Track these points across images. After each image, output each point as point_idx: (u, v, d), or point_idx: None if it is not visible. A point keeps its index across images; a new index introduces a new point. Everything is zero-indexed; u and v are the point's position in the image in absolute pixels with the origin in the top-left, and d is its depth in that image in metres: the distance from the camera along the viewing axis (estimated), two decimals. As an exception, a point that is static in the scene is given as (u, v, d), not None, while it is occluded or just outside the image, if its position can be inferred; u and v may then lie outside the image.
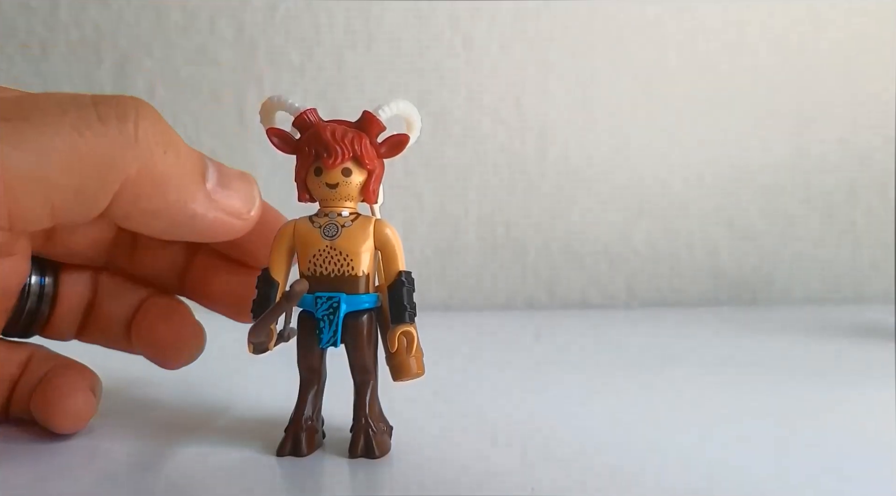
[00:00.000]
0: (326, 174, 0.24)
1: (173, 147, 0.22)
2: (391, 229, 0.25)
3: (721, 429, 0.29)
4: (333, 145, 0.24)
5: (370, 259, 0.25)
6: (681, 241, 0.64)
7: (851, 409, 0.32)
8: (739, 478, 0.23)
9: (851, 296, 0.66)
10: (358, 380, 0.25)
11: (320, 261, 0.24)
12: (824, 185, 0.66)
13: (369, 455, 0.25)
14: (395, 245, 0.25)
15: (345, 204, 0.25)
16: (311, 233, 0.24)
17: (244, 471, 0.24)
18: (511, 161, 0.61)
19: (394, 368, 0.25)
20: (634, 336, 0.51)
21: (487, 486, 0.23)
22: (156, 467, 0.24)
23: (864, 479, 0.24)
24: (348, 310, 0.24)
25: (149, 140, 0.21)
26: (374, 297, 0.25)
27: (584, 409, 0.31)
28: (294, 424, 0.25)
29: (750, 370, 0.40)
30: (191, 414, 0.30)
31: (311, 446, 0.25)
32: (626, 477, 0.24)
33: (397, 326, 0.24)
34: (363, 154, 0.24)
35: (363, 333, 0.25)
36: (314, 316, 0.24)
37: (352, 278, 0.24)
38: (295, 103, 0.25)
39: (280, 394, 0.28)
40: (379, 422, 0.26)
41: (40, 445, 0.25)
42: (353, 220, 0.25)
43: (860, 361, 0.42)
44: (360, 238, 0.24)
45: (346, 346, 0.25)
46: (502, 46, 0.61)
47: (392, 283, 0.25)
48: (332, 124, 0.25)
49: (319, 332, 0.24)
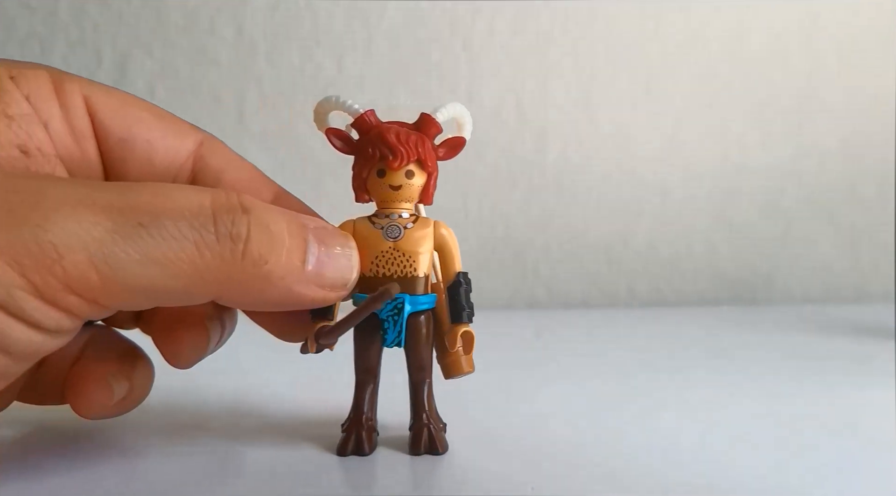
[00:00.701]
0: (390, 176, 0.25)
1: (277, 249, 0.21)
2: (448, 230, 0.25)
3: (721, 428, 0.29)
4: (399, 147, 0.24)
5: (429, 260, 0.25)
6: (681, 241, 0.64)
7: (851, 409, 0.32)
8: (739, 478, 0.23)
9: (851, 296, 0.66)
10: (416, 379, 0.26)
11: (383, 263, 0.24)
12: (824, 185, 0.66)
13: (433, 451, 0.25)
14: (452, 246, 0.25)
15: (404, 205, 0.25)
16: (373, 233, 0.25)
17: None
18: (511, 161, 0.61)
19: (446, 366, 0.26)
20: (634, 336, 0.51)
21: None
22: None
23: (864, 479, 0.24)
24: (412, 310, 0.25)
25: (260, 253, 0.21)
26: (432, 298, 0.25)
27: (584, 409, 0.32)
28: (355, 424, 0.25)
29: (750, 370, 0.40)
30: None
31: (371, 445, 0.25)
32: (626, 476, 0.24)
33: (456, 326, 0.25)
34: (426, 156, 0.25)
35: (423, 333, 0.25)
36: (377, 316, 0.25)
37: (413, 279, 0.25)
38: (354, 104, 0.25)
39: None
40: (437, 420, 0.26)
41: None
42: (414, 222, 0.25)
43: (860, 361, 0.42)
44: (421, 240, 0.25)
45: (405, 346, 0.25)
46: (502, 46, 0.61)
47: (451, 284, 0.25)
48: (395, 126, 0.25)
49: (384, 333, 0.25)
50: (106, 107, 0.24)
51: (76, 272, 0.17)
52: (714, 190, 0.65)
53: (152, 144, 0.25)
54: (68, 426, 0.28)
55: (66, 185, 0.19)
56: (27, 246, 0.17)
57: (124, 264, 0.18)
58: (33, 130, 0.22)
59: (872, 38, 0.65)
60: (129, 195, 0.19)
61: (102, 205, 0.18)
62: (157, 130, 0.25)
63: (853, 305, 0.63)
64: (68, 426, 0.28)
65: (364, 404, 0.25)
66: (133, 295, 0.19)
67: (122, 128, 0.25)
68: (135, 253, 0.18)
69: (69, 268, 0.17)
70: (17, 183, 0.18)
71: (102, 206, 0.18)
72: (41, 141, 0.22)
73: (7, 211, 0.17)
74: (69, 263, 0.17)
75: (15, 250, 0.17)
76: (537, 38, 0.61)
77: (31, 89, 0.23)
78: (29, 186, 0.18)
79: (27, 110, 0.22)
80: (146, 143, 0.25)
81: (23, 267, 0.17)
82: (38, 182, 0.18)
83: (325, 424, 0.27)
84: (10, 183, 0.18)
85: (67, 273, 0.17)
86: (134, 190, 0.19)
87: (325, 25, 0.59)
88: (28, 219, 0.17)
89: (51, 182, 0.18)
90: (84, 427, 0.28)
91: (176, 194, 0.20)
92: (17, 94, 0.22)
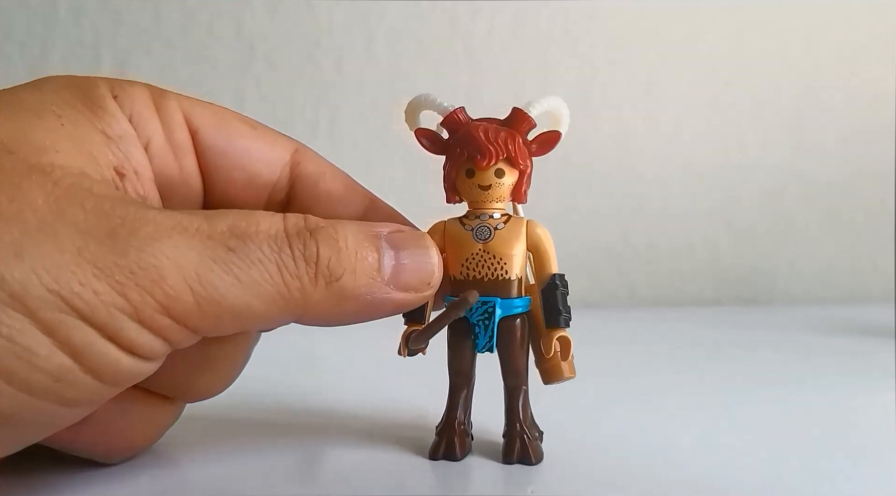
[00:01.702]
0: (479, 175, 0.24)
1: (348, 264, 0.21)
2: (543, 230, 0.24)
3: (720, 428, 0.29)
4: (486, 145, 0.23)
5: (522, 261, 0.24)
6: (681, 241, 0.64)
7: (851, 409, 0.32)
8: (739, 478, 0.23)
9: (851, 296, 0.66)
10: (510, 385, 0.24)
11: (473, 265, 0.24)
12: (824, 185, 0.66)
13: (525, 461, 0.24)
14: (547, 246, 0.24)
15: (496, 205, 0.24)
16: (463, 235, 0.24)
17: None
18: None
19: (546, 372, 0.25)
20: (634, 335, 0.51)
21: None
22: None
23: (863, 479, 0.24)
24: (504, 314, 0.24)
25: (331, 270, 0.21)
26: (526, 301, 0.24)
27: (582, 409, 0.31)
28: (447, 428, 0.25)
29: (750, 369, 0.40)
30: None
31: (464, 450, 0.25)
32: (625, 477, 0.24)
33: (552, 331, 0.24)
34: (517, 154, 0.24)
35: (517, 338, 0.24)
36: (468, 320, 0.24)
37: (505, 282, 0.24)
38: (444, 102, 0.24)
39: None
40: (532, 428, 0.25)
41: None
42: (506, 222, 0.24)
43: (860, 361, 0.42)
44: (513, 240, 0.24)
45: (499, 351, 0.24)
46: (502, 46, 0.61)
47: (545, 287, 0.24)
48: (483, 123, 0.24)
49: (475, 337, 0.24)
50: (204, 120, 0.25)
51: (174, 293, 0.18)
52: (714, 189, 0.65)
53: (251, 155, 0.25)
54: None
55: (158, 212, 0.19)
56: (130, 268, 0.18)
57: (217, 286, 0.19)
58: (131, 151, 0.22)
59: (872, 39, 0.65)
60: (215, 221, 0.20)
61: (193, 231, 0.19)
62: (253, 140, 0.25)
63: (853, 305, 0.63)
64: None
65: (457, 408, 0.25)
66: (222, 317, 0.19)
67: (221, 140, 0.25)
68: (226, 275, 0.19)
69: (168, 289, 0.18)
70: (115, 207, 0.18)
71: (194, 233, 0.19)
72: (138, 162, 0.22)
73: (109, 234, 0.18)
74: (168, 285, 0.18)
75: (118, 272, 0.18)
76: (537, 38, 0.61)
77: (133, 109, 0.23)
78: (127, 212, 0.18)
79: (128, 130, 0.22)
80: (245, 153, 0.25)
81: (124, 287, 0.18)
82: (135, 208, 0.19)
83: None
84: (110, 207, 0.18)
85: (166, 294, 0.18)
86: (219, 216, 0.20)
87: (325, 25, 0.59)
88: (129, 242, 0.18)
89: (145, 208, 0.19)
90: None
91: (257, 218, 0.20)
92: (118, 113, 0.22)
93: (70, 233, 0.17)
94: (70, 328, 0.17)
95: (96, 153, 0.21)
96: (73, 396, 0.18)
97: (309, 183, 0.26)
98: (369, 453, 0.25)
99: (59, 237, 0.17)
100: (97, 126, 0.21)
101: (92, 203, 0.18)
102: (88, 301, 0.17)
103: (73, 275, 0.17)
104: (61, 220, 0.18)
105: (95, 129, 0.21)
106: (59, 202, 0.18)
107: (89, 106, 0.21)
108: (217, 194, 0.25)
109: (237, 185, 0.25)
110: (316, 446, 0.26)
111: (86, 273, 0.17)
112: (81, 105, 0.21)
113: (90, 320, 0.17)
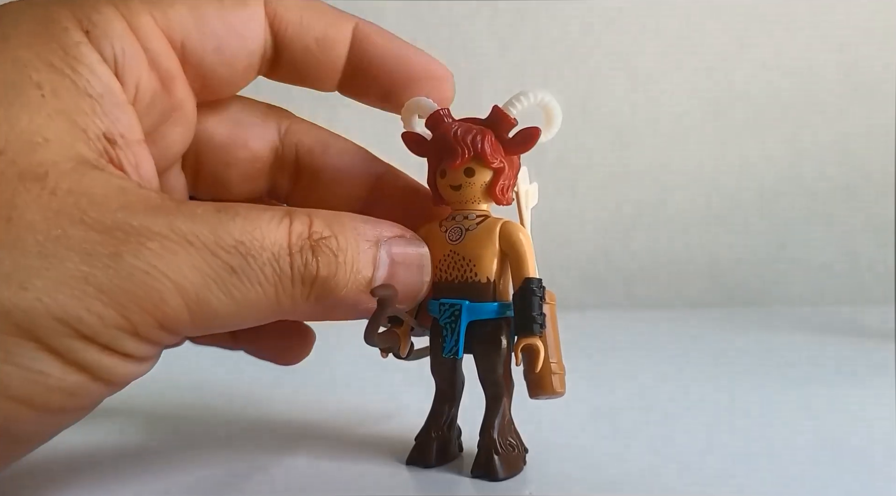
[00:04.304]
0: (450, 175, 0.23)
1: (344, 276, 0.21)
2: (521, 232, 0.23)
3: (720, 430, 0.29)
4: (454, 145, 0.22)
5: (497, 264, 0.23)
6: (680, 242, 0.64)
7: (851, 409, 0.32)
8: (739, 478, 0.23)
9: (851, 297, 0.66)
10: (487, 394, 0.23)
11: (445, 267, 0.23)
12: (823, 187, 0.66)
13: (489, 474, 0.23)
14: (521, 248, 0.23)
15: (470, 206, 0.23)
16: (438, 237, 0.23)
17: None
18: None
19: (531, 383, 0.23)
20: (633, 336, 0.51)
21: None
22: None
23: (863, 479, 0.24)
24: (472, 318, 0.23)
25: (327, 288, 0.21)
26: (501, 306, 0.23)
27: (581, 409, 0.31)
28: (423, 433, 0.24)
29: (749, 370, 0.40)
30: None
31: (441, 457, 0.24)
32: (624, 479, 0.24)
33: (521, 338, 0.22)
34: (484, 152, 0.23)
35: (493, 344, 0.23)
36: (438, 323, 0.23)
37: (476, 284, 0.23)
38: (433, 104, 0.24)
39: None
40: (507, 441, 0.23)
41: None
42: (479, 223, 0.23)
43: (860, 361, 0.42)
44: (483, 242, 0.23)
45: (475, 358, 0.23)
46: (502, 46, 0.61)
47: (517, 290, 0.22)
48: (458, 123, 0.23)
49: (442, 341, 0.23)
50: (185, 26, 0.22)
51: (172, 313, 0.19)
52: (713, 192, 0.65)
53: (230, 33, 0.23)
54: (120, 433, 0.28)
55: (162, 221, 0.19)
56: (135, 292, 0.18)
57: (214, 306, 0.19)
58: (115, 114, 0.20)
59: (873, 40, 0.65)
60: (221, 232, 0.19)
61: (200, 245, 0.19)
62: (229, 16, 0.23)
63: (852, 307, 0.63)
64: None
65: (438, 414, 0.24)
66: (211, 327, 0.20)
67: (210, 43, 0.23)
68: (224, 296, 0.19)
69: (168, 311, 0.18)
70: (117, 220, 0.18)
71: (200, 247, 0.19)
72: (124, 125, 0.20)
73: (112, 256, 0.18)
74: (168, 307, 0.18)
75: (122, 295, 0.18)
76: (537, 39, 0.61)
77: (114, 49, 0.20)
78: (130, 225, 0.18)
79: (109, 85, 0.20)
80: (225, 35, 0.23)
81: (127, 310, 0.18)
82: (139, 219, 0.19)
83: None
84: (112, 220, 0.18)
85: (165, 314, 0.18)
86: (224, 225, 0.19)
87: (325, 25, 0.59)
88: (134, 265, 0.18)
89: (150, 218, 0.19)
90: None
91: (262, 231, 0.20)
92: (96, 64, 0.20)
93: (73, 258, 0.17)
94: (78, 350, 0.18)
95: (84, 124, 0.19)
96: (87, 403, 0.19)
97: (315, 158, 0.27)
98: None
99: (64, 265, 0.17)
100: (79, 85, 0.19)
101: (93, 214, 0.18)
102: (93, 325, 0.18)
103: (80, 302, 0.17)
104: (63, 245, 0.18)
105: (78, 90, 0.19)
106: (58, 218, 0.18)
107: (65, 58, 0.19)
108: (210, 111, 0.25)
109: (218, 68, 0.23)
110: (308, 450, 0.26)
111: (92, 300, 0.17)
112: (58, 59, 0.19)
113: (95, 341, 0.18)
